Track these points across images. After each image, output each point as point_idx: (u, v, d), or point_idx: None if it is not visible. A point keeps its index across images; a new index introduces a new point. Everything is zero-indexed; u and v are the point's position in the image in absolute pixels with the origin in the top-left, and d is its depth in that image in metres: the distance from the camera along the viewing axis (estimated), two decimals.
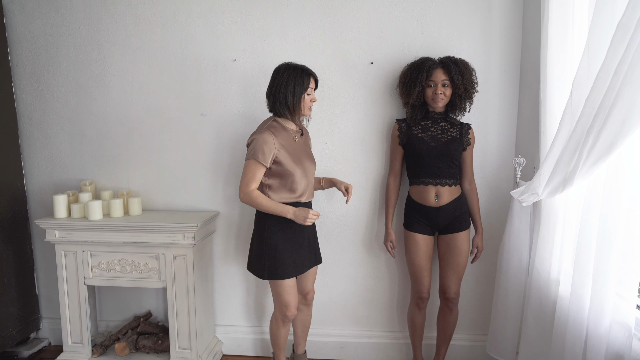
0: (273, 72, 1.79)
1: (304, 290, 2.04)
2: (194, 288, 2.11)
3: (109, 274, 2.14)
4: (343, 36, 2.15)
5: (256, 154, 1.72)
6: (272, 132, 1.75)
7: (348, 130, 2.22)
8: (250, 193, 1.75)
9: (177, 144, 2.30)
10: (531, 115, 1.99)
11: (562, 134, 1.37)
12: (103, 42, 2.25)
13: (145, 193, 2.36)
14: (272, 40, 2.17)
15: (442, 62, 1.94)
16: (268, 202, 1.76)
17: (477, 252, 2.09)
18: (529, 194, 1.56)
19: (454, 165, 1.96)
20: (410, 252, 2.02)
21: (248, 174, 1.75)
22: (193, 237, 2.05)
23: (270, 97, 1.78)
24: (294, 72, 1.74)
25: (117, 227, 2.06)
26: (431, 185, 1.96)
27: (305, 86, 1.75)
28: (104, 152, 2.34)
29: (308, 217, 1.74)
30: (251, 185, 1.75)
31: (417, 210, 2.00)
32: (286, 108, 1.76)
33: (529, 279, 1.79)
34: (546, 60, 1.64)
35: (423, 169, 1.97)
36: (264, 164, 1.73)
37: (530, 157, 1.98)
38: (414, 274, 2.04)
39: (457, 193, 1.99)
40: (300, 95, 1.75)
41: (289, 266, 1.83)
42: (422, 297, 2.05)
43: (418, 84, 1.92)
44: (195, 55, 2.22)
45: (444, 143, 1.95)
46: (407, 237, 2.04)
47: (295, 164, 1.79)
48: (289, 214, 1.75)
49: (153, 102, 2.28)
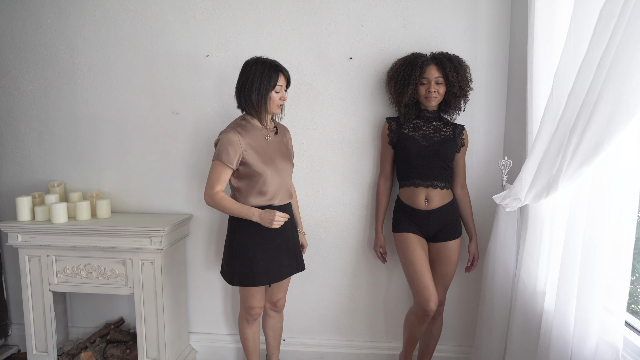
0: (242, 67, 1.68)
1: (273, 298, 1.92)
2: (162, 295, 2.00)
3: (74, 280, 2.04)
4: (320, 30, 2.04)
5: (221, 154, 1.63)
6: (237, 132, 1.65)
7: (326, 130, 2.10)
8: (214, 195, 1.66)
9: (150, 143, 2.20)
10: (519, 113, 1.87)
11: (544, 133, 1.25)
12: (72, 37, 2.16)
13: (116, 195, 2.26)
14: (246, 35, 2.07)
15: (435, 58, 1.83)
16: (233, 205, 1.67)
17: (474, 261, 1.96)
18: (511, 198, 1.44)
19: (446, 167, 1.84)
20: (406, 252, 1.82)
21: (212, 176, 1.66)
22: (160, 241, 1.95)
23: (238, 94, 1.69)
24: (262, 67, 1.64)
25: (81, 231, 1.96)
26: (422, 187, 1.84)
27: (273, 83, 1.64)
28: (74, 152, 2.25)
29: (274, 220, 1.63)
30: (215, 187, 1.66)
31: (406, 213, 1.88)
32: (251, 105, 1.66)
33: (515, 290, 1.66)
34: (532, 55, 1.53)
35: (414, 170, 1.85)
36: (229, 166, 1.64)
37: (517, 158, 1.86)
38: (414, 278, 1.77)
39: (448, 197, 1.86)
40: (267, 92, 1.64)
41: (261, 274, 1.72)
42: (427, 310, 1.73)
43: (412, 82, 1.80)
44: (167, 51, 2.12)
45: (437, 142, 1.83)
46: (398, 240, 1.89)
47: (265, 164, 1.68)
48: (254, 217, 1.66)
49: (124, 100, 2.18)
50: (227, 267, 1.76)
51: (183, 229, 2.17)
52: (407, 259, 1.83)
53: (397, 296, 2.19)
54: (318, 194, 2.15)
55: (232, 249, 1.73)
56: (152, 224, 1.99)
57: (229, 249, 1.76)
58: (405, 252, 1.84)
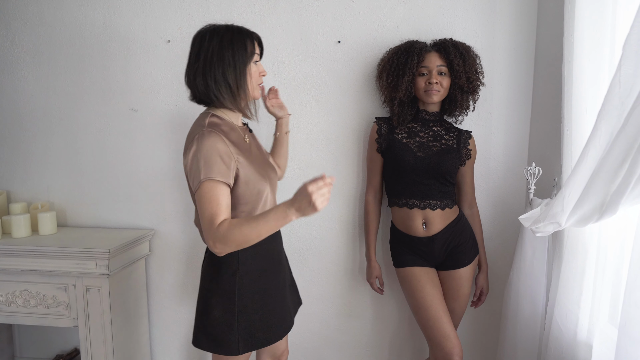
0: (193, 42, 1.18)
1: (277, 352, 1.47)
2: (110, 328, 1.66)
3: (8, 309, 1.71)
4: (303, 8, 1.68)
5: (209, 170, 1.07)
6: (219, 134, 1.12)
7: (310, 129, 1.74)
8: (218, 232, 1.05)
9: (104, 145, 1.86)
10: (550, 109, 1.49)
11: (602, 133, 0.87)
12: (11, 21, 1.83)
13: (67, 206, 1.93)
14: (213, 16, 1.72)
15: (436, 45, 1.47)
16: (252, 223, 1.05)
17: (482, 295, 1.59)
18: (546, 222, 1.06)
19: (447, 183, 1.48)
20: (414, 292, 1.46)
21: (208, 207, 1.06)
22: (107, 265, 1.61)
23: (196, 79, 1.16)
24: (228, 34, 1.15)
25: (11, 251, 1.63)
26: (417, 208, 1.47)
27: (250, 51, 1.16)
28: (18, 155, 1.92)
29: (314, 197, 0.97)
30: (219, 217, 1.07)
31: (404, 243, 1.52)
32: (227, 90, 1.15)
33: (546, 335, 1.29)
34: (572, 32, 1.15)
35: (407, 187, 1.48)
36: (226, 182, 1.10)
37: (548, 165, 1.47)
38: (429, 326, 1.41)
39: (452, 215, 1.49)
40: (245, 66, 1.15)
41: (276, 325, 1.26)
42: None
43: (408, 72, 1.44)
44: (122, 36, 1.78)
45: (436, 154, 1.46)
46: (402, 277, 1.52)
47: (262, 177, 1.20)
48: (291, 214, 1.03)
49: (74, 93, 1.85)
50: (222, 336, 1.20)
51: (141, 247, 1.83)
52: (416, 301, 1.45)
53: (400, 329, 1.82)
54: None
55: (231, 308, 1.19)
56: (101, 243, 1.65)
57: (223, 310, 1.20)
58: (413, 293, 1.46)
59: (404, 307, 1.78)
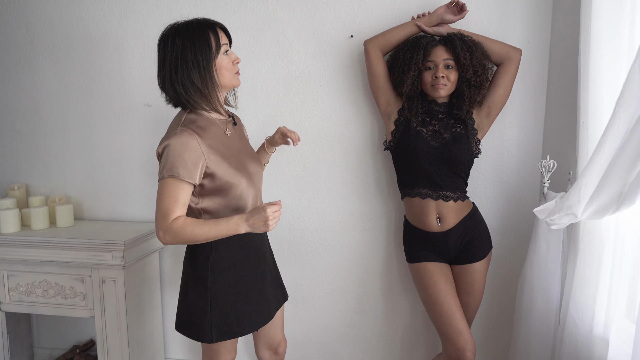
0: (158, 47, 1.18)
1: (273, 343, 1.48)
2: (126, 318, 1.69)
3: (28, 299, 1.76)
4: (315, 3, 1.68)
5: (175, 168, 1.12)
6: (193, 131, 1.15)
7: (323, 123, 1.75)
8: (171, 226, 1.13)
9: (120, 139, 1.90)
10: (565, 102, 1.47)
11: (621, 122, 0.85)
12: (31, 19, 1.88)
13: (84, 199, 1.97)
14: (227, 11, 1.74)
15: (443, 38, 1.47)
16: (203, 227, 1.15)
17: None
18: (562, 214, 1.05)
19: (460, 173, 1.47)
20: (427, 288, 1.45)
21: (165, 200, 1.13)
22: (122, 256, 1.64)
23: (166, 85, 1.17)
24: (189, 34, 1.14)
25: (30, 242, 1.67)
26: (430, 199, 1.46)
27: (215, 44, 1.15)
28: (37, 150, 1.97)
29: (269, 218, 1.12)
30: (172, 214, 1.13)
31: (418, 238, 1.51)
32: (195, 91, 1.16)
33: (561, 330, 1.27)
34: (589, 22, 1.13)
35: (419, 177, 1.47)
36: (190, 181, 1.14)
37: (563, 158, 1.45)
38: (442, 321, 1.41)
39: (465, 210, 1.48)
40: (210, 62, 1.15)
41: (250, 316, 1.28)
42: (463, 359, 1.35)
43: (413, 67, 1.43)
44: (137, 32, 1.82)
45: (448, 143, 1.45)
46: (415, 272, 1.51)
47: (238, 171, 1.22)
48: (241, 228, 1.15)
49: (91, 89, 1.89)
50: (199, 320, 1.24)
51: (155, 240, 1.85)
52: (429, 297, 1.44)
53: (412, 324, 1.82)
54: (313, 200, 1.80)
55: (204, 293, 1.23)
56: (117, 235, 1.69)
57: (199, 294, 1.24)
58: (425, 288, 1.45)
59: (416, 302, 1.78)
